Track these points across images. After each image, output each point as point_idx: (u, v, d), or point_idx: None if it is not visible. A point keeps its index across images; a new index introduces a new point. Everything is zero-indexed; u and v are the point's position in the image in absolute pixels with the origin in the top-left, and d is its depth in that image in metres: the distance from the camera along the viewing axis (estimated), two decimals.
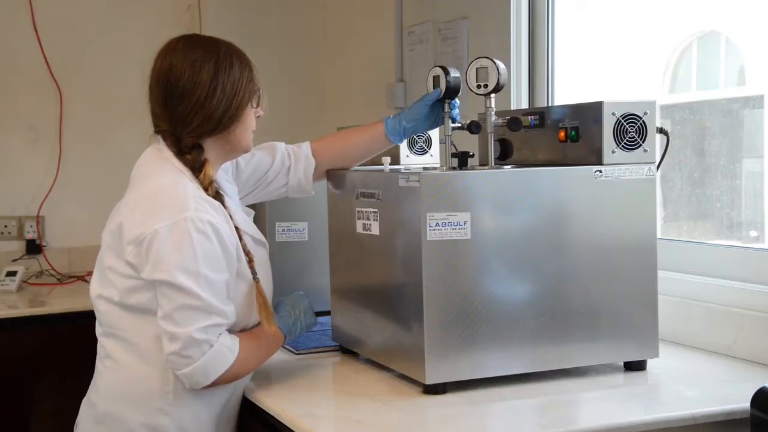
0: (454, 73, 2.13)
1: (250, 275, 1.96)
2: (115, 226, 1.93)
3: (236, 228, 1.95)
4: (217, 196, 1.95)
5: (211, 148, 1.99)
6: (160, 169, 1.95)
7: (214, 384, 1.90)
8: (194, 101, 1.93)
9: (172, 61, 1.94)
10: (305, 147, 2.27)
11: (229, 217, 1.95)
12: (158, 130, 1.99)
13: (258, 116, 2.05)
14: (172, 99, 1.94)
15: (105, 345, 1.99)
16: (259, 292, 1.96)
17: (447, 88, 2.12)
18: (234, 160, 2.16)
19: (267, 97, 2.06)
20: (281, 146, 2.27)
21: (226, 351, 1.88)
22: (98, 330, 2.02)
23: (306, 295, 2.19)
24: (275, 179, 2.26)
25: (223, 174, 2.11)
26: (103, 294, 1.96)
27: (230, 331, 1.94)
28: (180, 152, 1.96)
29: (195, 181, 1.94)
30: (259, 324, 1.99)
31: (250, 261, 1.96)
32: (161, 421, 1.92)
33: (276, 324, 2.01)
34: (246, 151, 2.07)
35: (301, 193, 2.30)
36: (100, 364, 2.01)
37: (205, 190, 1.94)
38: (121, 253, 1.90)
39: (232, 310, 1.91)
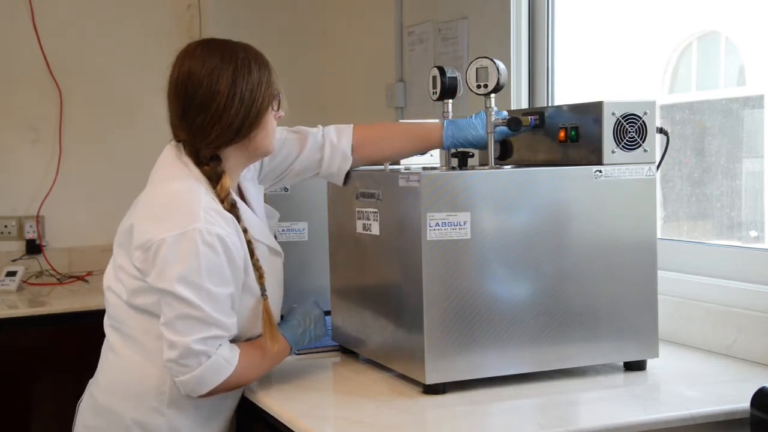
0: (451, 74, 2.13)
1: (258, 290, 1.94)
2: (127, 226, 1.93)
3: (249, 241, 1.93)
4: (232, 209, 1.92)
5: (231, 156, 1.96)
6: (178, 173, 1.93)
7: (211, 393, 1.89)
8: (212, 112, 1.90)
9: (190, 68, 1.91)
10: (345, 142, 2.16)
11: (241, 231, 1.92)
12: (177, 140, 1.98)
13: (279, 117, 2.02)
14: (191, 110, 1.91)
15: (110, 338, 2.00)
16: (266, 310, 1.93)
17: (443, 88, 2.13)
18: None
19: (286, 97, 2.03)
20: (314, 135, 2.17)
21: (224, 363, 1.87)
22: (106, 321, 2.03)
23: (319, 304, 2.17)
24: (304, 170, 2.18)
25: (247, 173, 2.09)
26: (113, 288, 1.98)
27: (235, 340, 1.92)
28: (198, 162, 1.94)
29: (211, 191, 1.92)
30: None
31: (261, 277, 1.93)
32: (155, 421, 1.93)
33: (280, 341, 1.99)
34: (267, 154, 2.04)
35: (331, 180, 2.22)
36: (104, 356, 2.03)
37: (222, 201, 1.91)
38: (130, 254, 1.91)
39: (234, 323, 1.89)
